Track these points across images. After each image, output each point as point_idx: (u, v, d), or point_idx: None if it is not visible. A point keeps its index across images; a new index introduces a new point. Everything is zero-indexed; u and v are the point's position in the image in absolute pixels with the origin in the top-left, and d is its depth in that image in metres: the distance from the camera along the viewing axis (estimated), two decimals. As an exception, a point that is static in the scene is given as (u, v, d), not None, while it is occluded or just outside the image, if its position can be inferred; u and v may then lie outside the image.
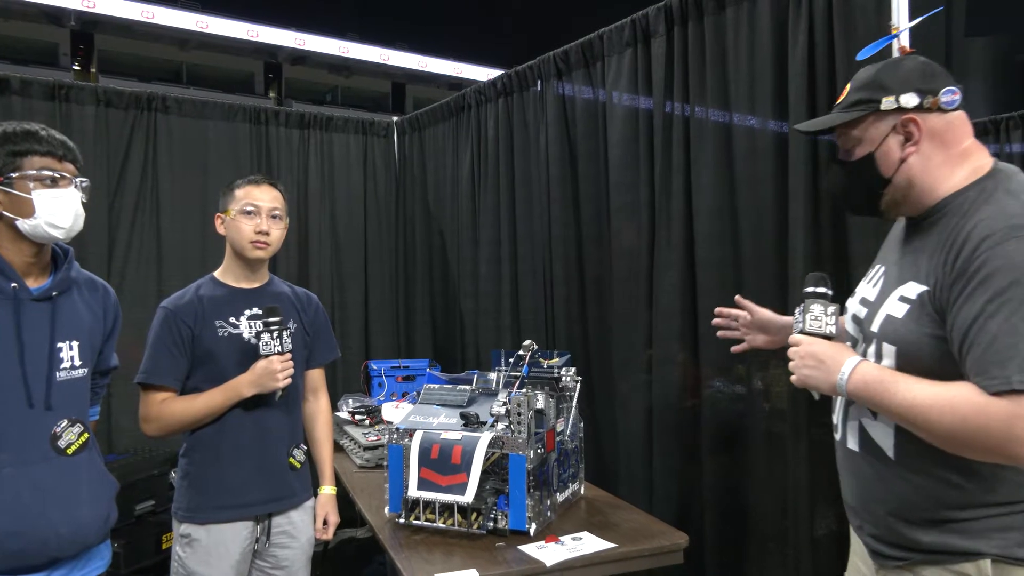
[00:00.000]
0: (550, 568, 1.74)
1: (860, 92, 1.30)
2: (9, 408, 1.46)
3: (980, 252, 1.12)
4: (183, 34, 14.81)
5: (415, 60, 17.13)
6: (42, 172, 1.50)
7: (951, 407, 1.11)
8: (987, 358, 1.09)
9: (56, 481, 1.50)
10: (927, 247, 1.24)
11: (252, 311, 2.04)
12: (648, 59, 2.53)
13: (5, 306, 1.48)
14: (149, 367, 1.96)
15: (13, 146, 1.48)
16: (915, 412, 1.16)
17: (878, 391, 1.20)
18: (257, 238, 2.01)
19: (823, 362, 1.28)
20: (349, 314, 4.09)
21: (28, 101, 3.22)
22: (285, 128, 3.96)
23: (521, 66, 3.20)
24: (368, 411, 3.07)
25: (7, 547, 1.43)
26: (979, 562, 1.18)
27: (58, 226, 1.51)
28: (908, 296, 1.24)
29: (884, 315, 1.27)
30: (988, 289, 1.10)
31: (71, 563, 1.55)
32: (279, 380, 1.94)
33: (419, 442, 1.95)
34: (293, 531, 2.07)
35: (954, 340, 1.15)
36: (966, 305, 1.12)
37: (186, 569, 1.96)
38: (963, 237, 1.16)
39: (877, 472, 1.30)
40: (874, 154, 1.29)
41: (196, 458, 1.99)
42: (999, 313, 1.09)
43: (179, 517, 2.00)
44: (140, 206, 3.50)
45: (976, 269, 1.12)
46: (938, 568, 1.22)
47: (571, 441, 2.19)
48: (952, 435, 1.13)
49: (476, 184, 3.55)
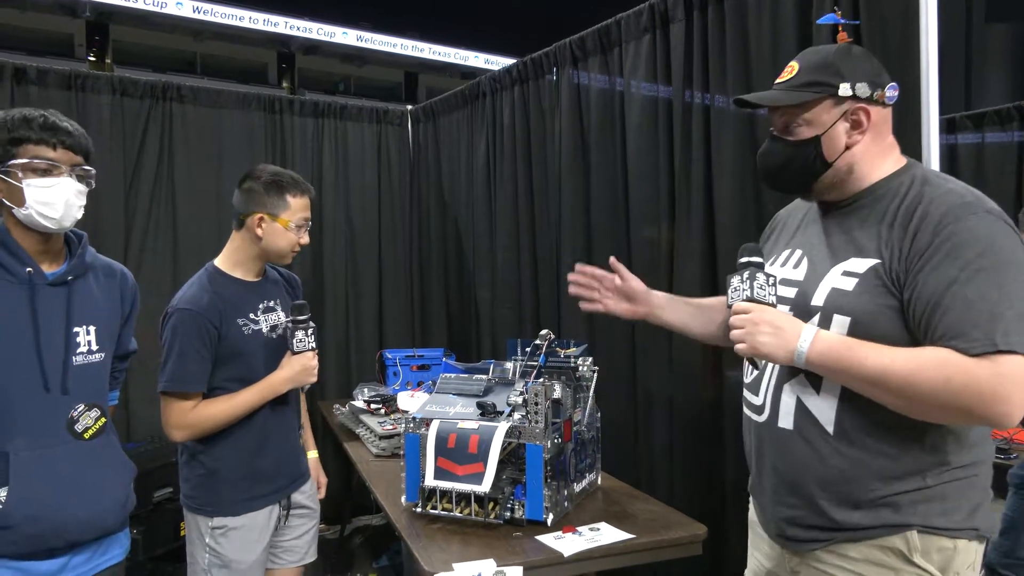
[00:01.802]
0: (568, 558, 1.73)
1: (814, 74, 1.32)
2: (25, 392, 1.46)
3: (943, 226, 1.18)
4: (197, 24, 14.85)
5: (428, 49, 17.09)
6: (33, 161, 1.47)
7: (935, 367, 1.14)
8: (966, 321, 1.13)
9: (73, 465, 1.51)
10: (863, 226, 1.30)
11: (265, 304, 2.03)
12: (667, 45, 2.49)
13: (20, 291, 1.48)
14: (181, 374, 1.87)
15: (9, 134, 1.47)
16: (890, 376, 1.17)
17: (845, 356, 1.21)
18: (297, 250, 2.04)
19: (781, 328, 1.25)
20: (363, 303, 4.09)
21: (45, 91, 3.23)
22: (299, 117, 3.96)
23: (536, 53, 3.16)
24: (383, 400, 3.07)
25: (25, 531, 1.44)
26: (907, 534, 1.23)
27: (48, 216, 1.48)
28: (854, 271, 1.27)
29: (828, 289, 1.29)
30: (958, 259, 1.16)
31: (91, 548, 1.56)
32: (314, 376, 1.99)
33: (436, 431, 1.94)
34: (307, 501, 2.17)
35: (919, 306, 1.19)
36: (934, 274, 1.17)
37: (222, 560, 1.94)
38: (919, 214, 1.22)
39: (813, 449, 1.29)
40: (821, 138, 1.32)
41: (225, 453, 1.95)
42: (974, 281, 1.14)
43: (207, 512, 1.95)
44: (156, 195, 3.51)
45: (941, 242, 1.18)
46: (863, 544, 1.26)
47: (588, 431, 2.17)
48: (933, 397, 1.15)
49: (492, 173, 3.53)
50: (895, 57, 1.79)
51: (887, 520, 1.24)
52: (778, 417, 1.35)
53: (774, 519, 1.40)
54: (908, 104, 1.74)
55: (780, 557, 1.41)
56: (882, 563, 1.25)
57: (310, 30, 15.91)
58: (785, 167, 1.37)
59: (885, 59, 1.81)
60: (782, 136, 1.36)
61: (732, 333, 1.29)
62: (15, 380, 1.46)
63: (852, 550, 1.27)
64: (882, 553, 1.25)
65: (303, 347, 1.94)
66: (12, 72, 3.15)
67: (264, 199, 1.96)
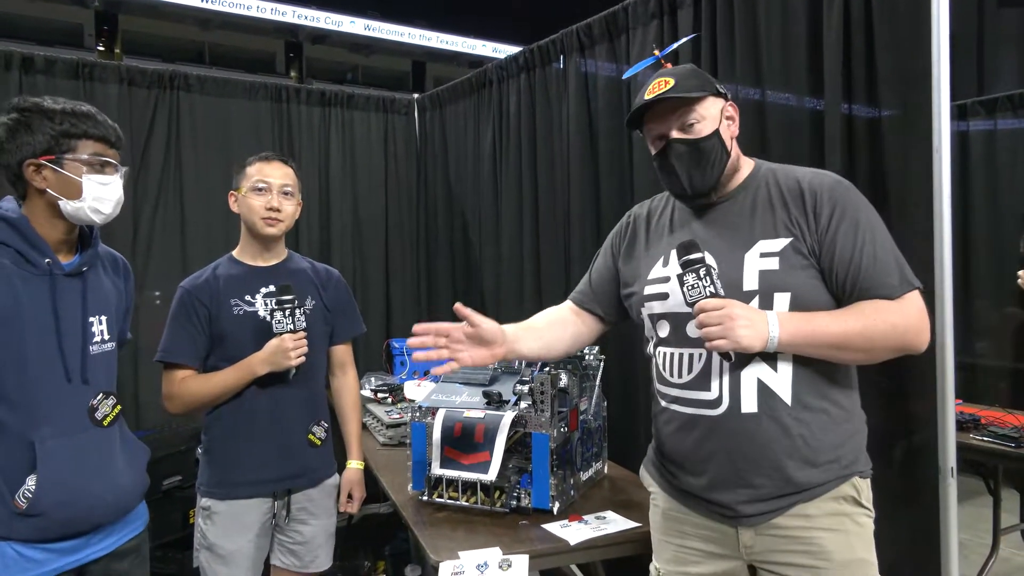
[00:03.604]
0: (574, 546, 1.73)
1: (693, 80, 1.45)
2: (49, 382, 1.49)
3: (834, 199, 1.37)
4: (205, 14, 14.83)
5: (436, 38, 17.02)
6: (95, 157, 1.52)
7: (879, 318, 1.31)
8: (879, 272, 1.33)
9: (96, 451, 1.55)
10: (754, 215, 1.43)
11: (268, 289, 2.03)
12: (674, 31, 2.46)
13: (41, 281, 1.50)
14: (167, 345, 1.99)
15: (69, 126, 1.49)
16: (851, 336, 1.31)
17: (809, 330, 1.32)
18: (268, 214, 2.01)
19: (753, 319, 1.31)
20: (371, 292, 4.09)
21: (52, 80, 3.23)
22: (306, 106, 3.95)
23: (543, 40, 3.14)
24: (390, 389, 3.08)
25: (56, 516, 1.47)
26: (853, 480, 1.39)
27: (101, 211, 1.53)
28: (771, 251, 1.39)
29: (756, 271, 1.38)
30: (857, 224, 1.35)
31: (109, 527, 1.60)
32: (292, 358, 1.93)
33: (442, 420, 1.95)
34: (312, 508, 2.08)
35: (838, 268, 1.35)
36: (844, 240, 1.35)
37: (207, 541, 1.99)
38: (808, 192, 1.40)
39: (777, 424, 1.37)
40: (718, 130, 1.45)
41: (215, 435, 2.02)
42: (874, 240, 1.35)
43: (201, 492, 2.03)
44: (164, 184, 3.51)
45: (840, 212, 1.36)
46: (820, 500, 1.37)
47: (594, 420, 2.17)
48: (885, 343, 1.32)
49: (498, 161, 3.52)
50: (906, 43, 1.76)
51: (838, 473, 1.38)
52: (740, 404, 1.38)
53: (729, 504, 1.41)
54: (919, 90, 1.72)
55: (725, 538, 1.45)
56: (839, 512, 1.37)
57: (318, 19, 15.87)
58: (701, 161, 1.44)
59: (895, 45, 1.80)
60: (684, 136, 1.44)
61: (707, 331, 1.31)
62: (40, 371, 1.48)
63: (810, 508, 1.37)
64: (837, 503, 1.38)
65: (281, 328, 1.93)
66: (20, 61, 3.15)
67: (233, 180, 2.08)
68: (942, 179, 1.67)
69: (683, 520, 1.52)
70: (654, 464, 1.62)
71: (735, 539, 1.43)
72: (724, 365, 1.39)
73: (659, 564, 1.59)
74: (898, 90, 1.80)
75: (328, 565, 2.15)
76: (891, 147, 1.82)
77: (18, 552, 1.45)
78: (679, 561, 1.53)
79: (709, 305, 1.31)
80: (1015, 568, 3.41)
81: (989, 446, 2.72)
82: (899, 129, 1.80)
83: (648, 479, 1.64)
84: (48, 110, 1.50)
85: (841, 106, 1.92)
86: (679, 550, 1.53)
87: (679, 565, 1.53)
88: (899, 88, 1.79)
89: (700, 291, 1.33)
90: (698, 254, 1.35)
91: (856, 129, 1.93)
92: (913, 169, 1.75)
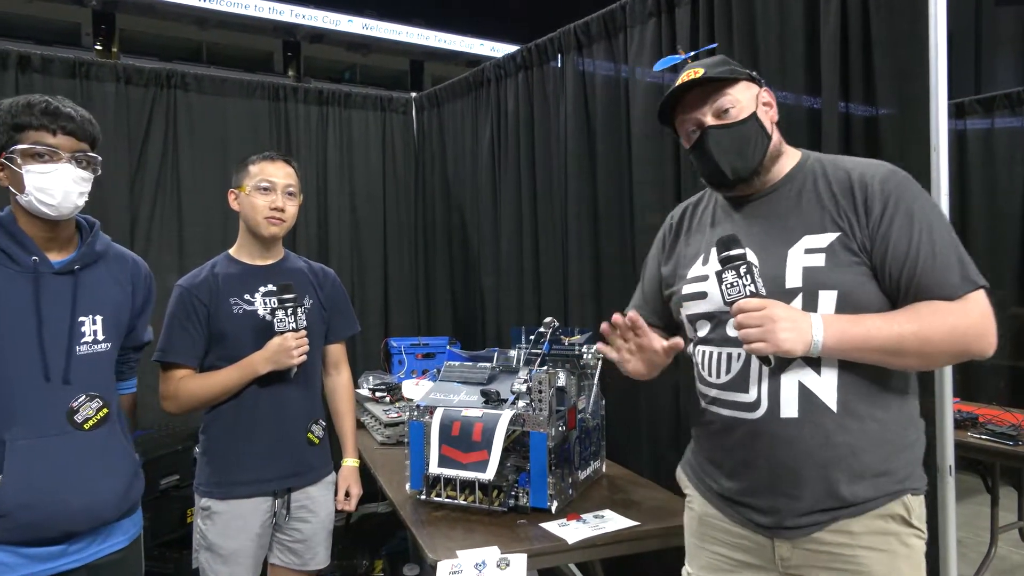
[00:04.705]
0: (572, 545, 1.73)
1: (722, 68, 1.39)
2: (25, 382, 1.46)
3: (887, 191, 1.27)
4: (202, 13, 14.81)
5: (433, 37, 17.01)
6: (33, 147, 1.46)
7: (937, 320, 1.21)
8: (940, 270, 1.22)
9: (71, 455, 1.50)
10: (799, 206, 1.34)
11: (267, 288, 2.03)
12: (672, 29, 2.46)
13: (25, 279, 1.48)
14: (165, 345, 1.98)
15: (13, 119, 1.46)
16: (906, 340, 1.21)
17: (857, 334, 1.22)
18: (272, 214, 2.01)
19: (796, 321, 1.22)
20: (369, 292, 4.09)
21: (49, 79, 3.22)
22: (304, 105, 3.94)
23: (541, 39, 3.14)
24: (388, 388, 3.07)
25: (19, 519, 1.44)
26: (904, 498, 1.29)
27: (46, 202, 1.47)
28: (817, 246, 1.29)
29: (799, 268, 1.29)
30: (911, 217, 1.25)
31: (88, 538, 1.55)
32: (294, 357, 1.94)
33: (440, 419, 1.94)
34: (312, 506, 2.08)
35: (893, 268, 1.25)
36: (898, 235, 1.24)
37: (207, 541, 1.99)
38: (858, 184, 1.30)
39: (820, 431, 1.28)
40: (756, 113, 1.38)
41: (214, 434, 2.01)
42: (931, 232, 1.24)
43: (200, 492, 2.02)
44: (161, 183, 3.51)
45: (894, 204, 1.26)
46: (865, 516, 1.28)
47: (593, 419, 2.17)
48: (944, 346, 1.22)
49: (496, 160, 3.51)
50: (904, 41, 1.76)
51: (887, 489, 1.28)
52: (779, 408, 1.30)
53: (766, 513, 1.34)
54: (916, 88, 1.72)
55: (761, 549, 1.36)
56: (885, 531, 1.27)
57: (315, 18, 15.85)
58: (744, 146, 1.36)
59: (893, 43, 1.80)
60: (720, 123, 1.38)
61: (745, 332, 1.23)
62: (15, 369, 1.46)
63: (854, 524, 1.28)
64: (884, 522, 1.28)
65: (283, 327, 1.93)
66: (17, 60, 3.15)
67: (234, 177, 2.07)
68: (940, 177, 1.67)
69: (718, 527, 1.44)
70: (691, 466, 1.54)
71: (771, 551, 1.35)
72: (760, 366, 1.30)
73: (691, 570, 1.51)
74: (895, 88, 1.80)
75: (327, 562, 2.14)
76: (888, 145, 1.82)
77: None
78: (712, 568, 1.45)
79: (749, 305, 1.23)
80: (1013, 566, 3.41)
81: (987, 444, 2.72)
82: (896, 127, 1.80)
83: (684, 480, 1.56)
84: (4, 107, 1.47)
85: (838, 104, 1.92)
86: (713, 557, 1.45)
87: (712, 572, 1.45)
88: (896, 86, 1.79)
89: (740, 290, 1.24)
90: (739, 250, 1.27)
91: (853, 127, 1.93)
92: (911, 167, 1.72)
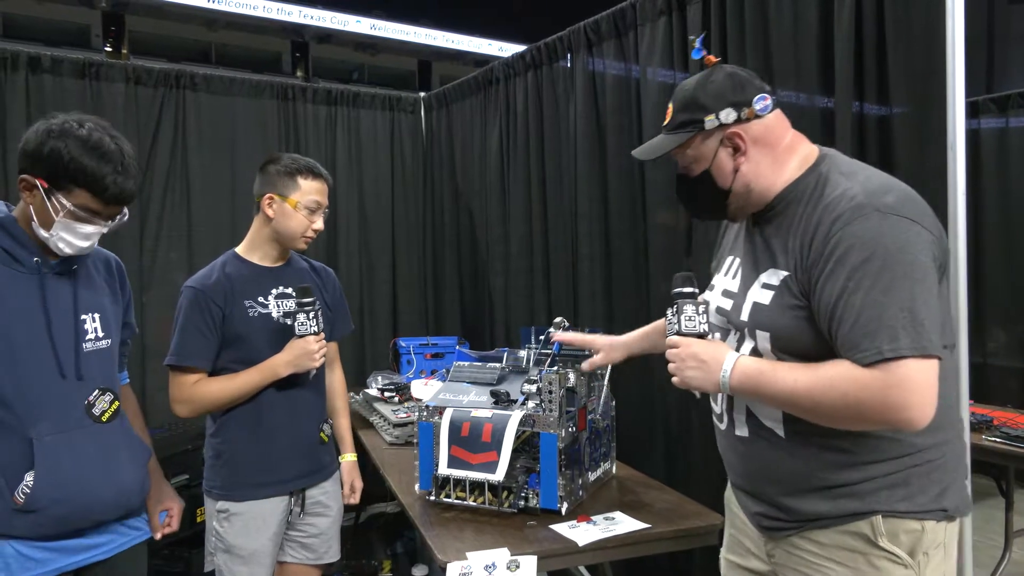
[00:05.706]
0: (582, 547, 1.72)
1: (683, 114, 1.35)
2: (43, 379, 1.49)
3: (833, 233, 1.18)
4: (211, 14, 14.86)
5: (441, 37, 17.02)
6: (78, 209, 1.45)
7: (831, 385, 1.16)
8: (856, 332, 1.14)
9: (95, 447, 1.54)
10: (777, 235, 1.31)
11: (279, 290, 2.03)
12: (683, 27, 2.44)
13: (31, 279, 1.50)
14: (180, 349, 1.94)
15: (74, 170, 1.42)
16: (797, 397, 1.20)
17: (760, 383, 1.25)
18: (311, 235, 2.02)
19: (705, 362, 1.32)
20: (377, 291, 4.09)
21: (59, 79, 3.23)
22: (312, 105, 3.95)
23: (550, 38, 3.12)
24: (397, 388, 3.07)
25: (53, 513, 1.47)
26: (872, 519, 1.25)
27: (63, 250, 1.50)
28: (771, 283, 1.29)
29: (751, 303, 1.32)
30: (845, 267, 1.16)
31: (115, 526, 1.60)
32: (316, 360, 1.96)
33: (449, 420, 1.93)
34: (327, 500, 2.12)
35: (822, 318, 1.20)
36: (828, 284, 1.18)
37: (225, 543, 1.98)
38: (815, 221, 1.22)
39: (769, 453, 1.34)
40: (710, 170, 1.35)
41: (230, 437, 2.00)
42: (859, 289, 1.14)
43: (215, 495, 2.01)
44: (170, 183, 3.51)
45: (831, 249, 1.18)
46: (830, 530, 1.28)
47: (603, 420, 2.15)
48: (835, 413, 1.17)
49: (505, 159, 3.50)
50: (920, 39, 1.74)
51: (849, 508, 1.26)
52: (735, 426, 1.40)
53: (748, 512, 1.45)
54: (933, 87, 1.70)
55: (758, 539, 1.45)
56: (850, 547, 1.27)
57: (323, 19, 15.87)
58: (693, 200, 1.44)
59: (909, 41, 1.78)
60: (684, 173, 1.41)
61: (668, 367, 1.38)
62: (33, 368, 1.48)
63: (822, 536, 1.30)
64: (849, 538, 1.27)
65: (305, 330, 1.93)
66: (27, 61, 3.16)
67: (276, 180, 2.00)
68: (957, 177, 1.65)
69: (735, 513, 1.54)
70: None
71: (762, 544, 1.43)
72: None
73: (724, 552, 1.60)
74: (910, 87, 1.78)
75: (338, 556, 2.18)
76: (903, 145, 1.80)
77: (17, 551, 1.44)
78: (730, 549, 1.56)
79: (670, 343, 1.38)
80: (1027, 570, 3.37)
81: (1001, 447, 2.70)
82: (912, 126, 1.78)
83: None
84: (74, 140, 1.42)
85: (852, 103, 1.90)
86: (731, 539, 1.56)
87: (730, 553, 1.56)
88: (911, 85, 1.77)
89: (672, 327, 1.39)
90: (681, 288, 1.39)
91: (867, 126, 1.91)
92: (927, 167, 1.73)
